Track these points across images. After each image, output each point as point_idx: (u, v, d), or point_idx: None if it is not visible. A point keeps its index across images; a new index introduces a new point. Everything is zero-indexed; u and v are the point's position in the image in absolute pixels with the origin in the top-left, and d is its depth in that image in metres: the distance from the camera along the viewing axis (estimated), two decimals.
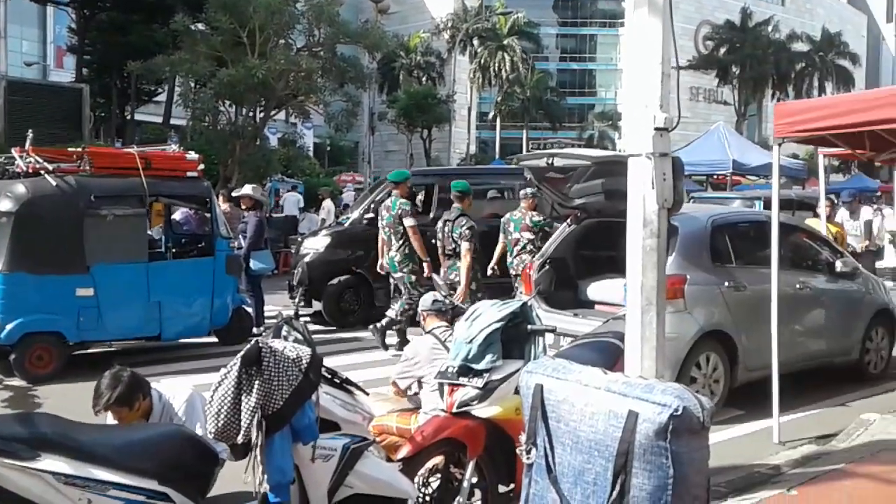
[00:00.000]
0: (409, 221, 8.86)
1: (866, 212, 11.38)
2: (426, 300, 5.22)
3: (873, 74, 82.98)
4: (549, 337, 6.81)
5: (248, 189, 10.40)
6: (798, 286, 7.04)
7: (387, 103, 45.03)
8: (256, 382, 3.17)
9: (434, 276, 5.30)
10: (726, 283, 6.55)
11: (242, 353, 3.25)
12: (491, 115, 58.17)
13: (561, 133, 62.94)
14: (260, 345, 3.25)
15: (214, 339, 8.90)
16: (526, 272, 7.71)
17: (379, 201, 11.37)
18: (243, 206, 10.33)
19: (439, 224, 8.83)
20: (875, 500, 4.48)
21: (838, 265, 7.42)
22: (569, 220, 7.67)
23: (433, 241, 10.93)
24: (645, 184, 3.33)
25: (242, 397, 3.17)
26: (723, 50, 55.67)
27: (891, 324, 7.92)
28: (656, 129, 3.30)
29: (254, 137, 18.95)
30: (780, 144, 6.16)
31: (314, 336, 4.11)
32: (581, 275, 7.61)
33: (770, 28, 56.12)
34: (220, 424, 3.18)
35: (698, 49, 64.10)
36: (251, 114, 19.13)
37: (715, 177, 18.11)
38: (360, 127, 25.78)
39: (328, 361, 7.18)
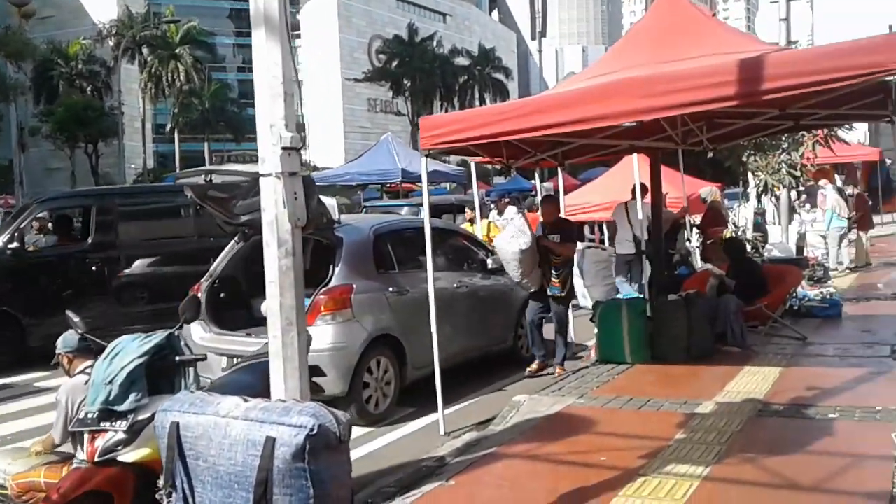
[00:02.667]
0: None
1: (510, 211, 12.62)
2: (69, 340, 4.63)
3: (524, 86, 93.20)
4: (223, 360, 6.64)
5: None
6: (456, 285, 7.58)
7: (39, 117, 40.49)
8: None
9: (69, 312, 4.77)
10: (390, 289, 6.84)
11: None
12: (168, 128, 55.19)
13: (245, 145, 61.68)
14: None
15: None
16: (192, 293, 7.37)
17: (26, 228, 10.17)
18: None
19: None
20: (524, 476, 4.93)
21: (489, 263, 8.11)
22: (237, 238, 7.47)
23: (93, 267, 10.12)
24: (277, 203, 3.31)
25: None
26: (394, 63, 58.69)
27: None
28: (283, 148, 3.29)
29: None
30: (426, 156, 6.57)
31: None
32: (254, 292, 7.44)
33: (434, 43, 60.47)
34: None
35: (372, 62, 67.03)
36: None
37: (389, 185, 18.98)
38: (7, 141, 22.85)
39: None
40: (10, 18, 37.61)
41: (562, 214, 8.35)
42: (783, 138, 11.25)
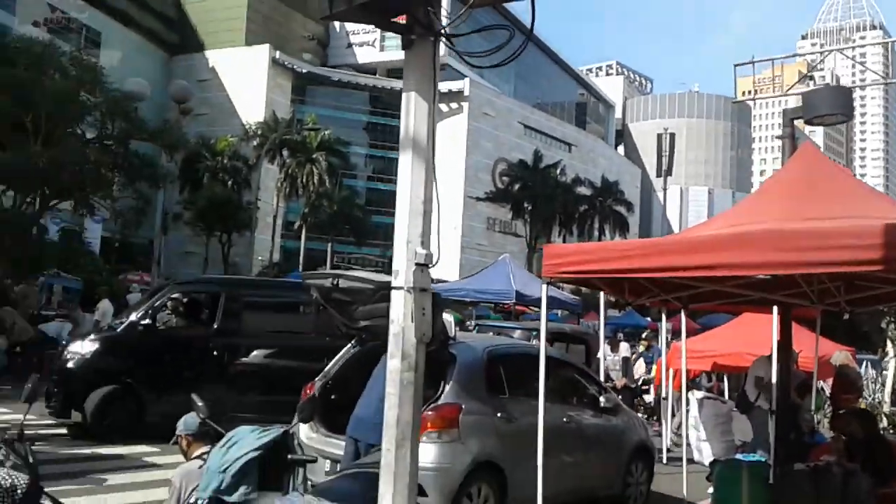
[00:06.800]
0: None
1: (624, 348, 12.26)
2: (189, 423, 4.79)
3: (646, 221, 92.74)
4: (327, 464, 6.64)
5: None
6: (565, 419, 7.35)
7: (184, 204, 43.54)
8: None
9: (193, 395, 4.95)
10: (499, 414, 6.70)
11: None
12: (297, 225, 57.97)
13: (365, 249, 63.99)
14: None
15: None
16: (306, 393, 7.49)
17: (160, 307, 10.77)
18: None
19: None
20: None
21: (602, 400, 7.85)
22: (353, 342, 7.63)
23: (215, 352, 10.48)
24: (405, 317, 3.38)
25: None
26: (517, 186, 59.98)
27: (649, 459, 8.43)
28: (417, 264, 3.39)
29: (26, 227, 17.43)
30: (548, 283, 6.58)
31: (68, 452, 3.71)
32: None
33: (558, 171, 61.57)
34: None
35: (495, 183, 68.75)
36: (28, 201, 17.66)
37: (501, 305, 19.02)
38: (153, 223, 24.64)
39: (81, 484, 6.44)
40: (169, 113, 41.22)
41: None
42: None
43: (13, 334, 14.44)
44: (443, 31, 3.71)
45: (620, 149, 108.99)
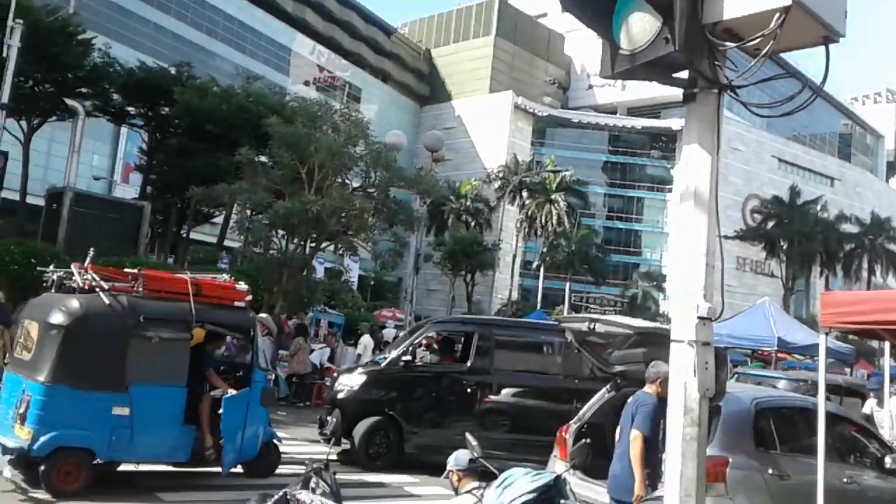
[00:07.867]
0: None
1: (894, 403, 10.80)
2: (461, 459, 5.03)
3: None
4: None
5: (261, 315, 10.58)
6: (846, 480, 6.71)
7: (433, 245, 45.90)
8: None
9: (468, 434, 5.18)
10: (770, 471, 6.28)
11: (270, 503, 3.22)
12: (535, 265, 58.75)
13: (604, 289, 63.20)
14: (287, 497, 3.22)
15: (239, 470, 8.71)
16: (562, 436, 7.52)
17: (418, 344, 11.43)
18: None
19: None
20: None
21: (888, 461, 7.07)
22: (608, 387, 7.56)
23: (468, 389, 10.88)
24: (687, 371, 3.31)
25: None
26: (770, 224, 56.12)
27: None
28: (699, 318, 3.30)
29: (301, 268, 19.38)
30: (826, 334, 6.12)
31: (339, 478, 4.16)
32: None
33: (819, 207, 56.71)
34: None
35: (746, 221, 64.84)
36: (302, 244, 19.64)
37: (760, 352, 17.81)
38: (405, 263, 26.29)
39: None
40: (417, 159, 43.77)
41: None
42: None
43: (293, 364, 16.06)
44: (729, 84, 3.61)
45: (893, 182, 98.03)
